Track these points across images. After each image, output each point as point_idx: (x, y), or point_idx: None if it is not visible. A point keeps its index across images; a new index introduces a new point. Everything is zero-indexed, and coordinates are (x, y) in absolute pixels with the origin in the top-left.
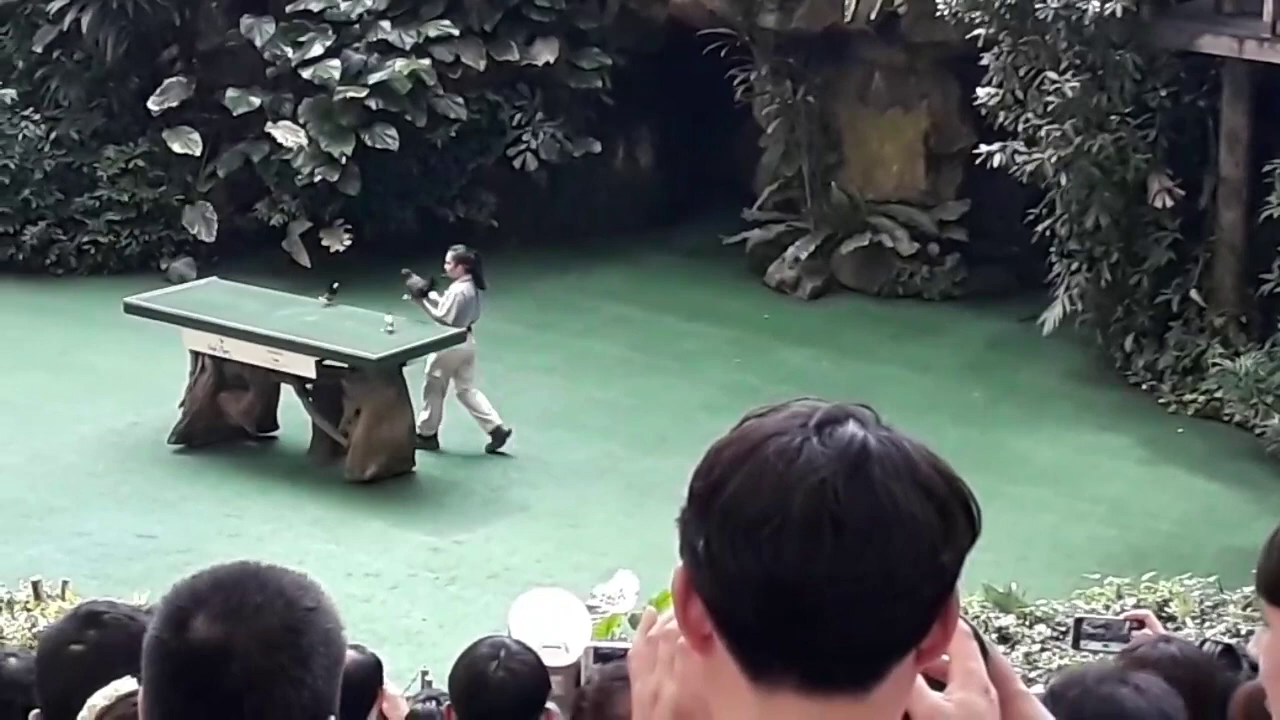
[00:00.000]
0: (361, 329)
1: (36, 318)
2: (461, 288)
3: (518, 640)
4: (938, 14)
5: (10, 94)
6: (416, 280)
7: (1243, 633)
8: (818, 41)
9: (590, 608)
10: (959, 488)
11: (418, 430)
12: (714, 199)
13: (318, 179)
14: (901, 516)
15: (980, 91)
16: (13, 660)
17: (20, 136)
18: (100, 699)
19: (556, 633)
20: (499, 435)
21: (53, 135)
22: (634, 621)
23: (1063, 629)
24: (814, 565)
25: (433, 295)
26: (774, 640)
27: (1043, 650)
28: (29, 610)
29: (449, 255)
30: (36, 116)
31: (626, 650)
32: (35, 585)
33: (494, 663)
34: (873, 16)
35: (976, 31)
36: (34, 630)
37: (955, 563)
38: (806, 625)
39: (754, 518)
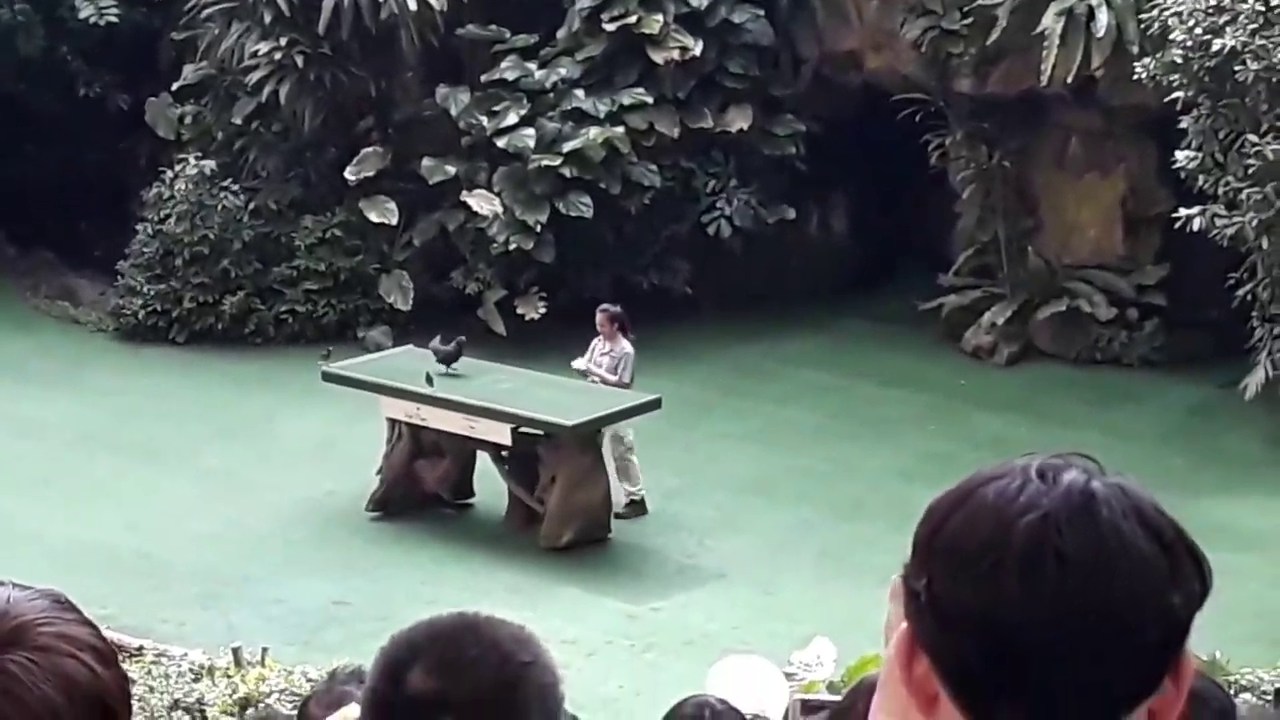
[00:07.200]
0: (557, 396)
1: (235, 386)
2: (628, 347)
3: (721, 699)
4: (1135, 77)
5: (210, 165)
6: (442, 348)
7: None
8: (1013, 106)
9: (788, 675)
10: (1186, 536)
11: (632, 495)
12: (908, 265)
13: (512, 247)
14: (1128, 552)
15: (1179, 155)
16: None
17: (220, 207)
18: None
19: (755, 700)
20: (638, 507)
21: (251, 205)
22: (832, 688)
23: (1268, 697)
24: (1036, 600)
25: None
26: (998, 683)
27: None
28: (229, 677)
29: (603, 314)
30: (235, 187)
31: (832, 701)
32: (235, 652)
33: None
34: (1069, 80)
35: (1175, 95)
36: (234, 697)
37: (1185, 608)
38: (1030, 665)
39: (973, 553)
